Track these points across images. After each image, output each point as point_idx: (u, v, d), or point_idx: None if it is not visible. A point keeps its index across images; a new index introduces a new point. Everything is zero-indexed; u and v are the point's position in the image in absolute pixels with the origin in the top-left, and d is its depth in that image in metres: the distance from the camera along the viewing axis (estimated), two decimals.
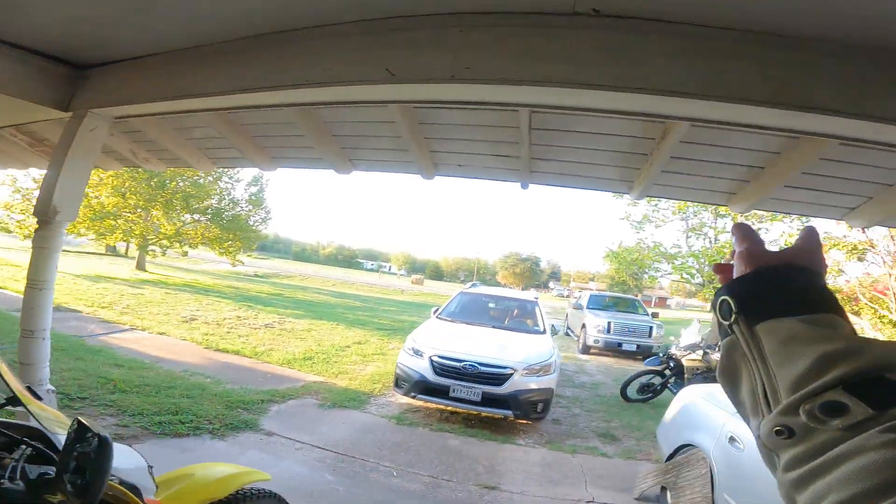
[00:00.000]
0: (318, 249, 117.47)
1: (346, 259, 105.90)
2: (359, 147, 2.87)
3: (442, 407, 5.92)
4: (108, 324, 9.02)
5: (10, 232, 16.91)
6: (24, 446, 0.89)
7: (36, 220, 2.57)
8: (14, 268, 16.09)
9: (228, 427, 4.70)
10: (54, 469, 0.86)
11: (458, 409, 5.76)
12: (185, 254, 22.34)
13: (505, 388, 5.47)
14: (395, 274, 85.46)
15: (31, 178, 15.50)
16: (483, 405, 5.50)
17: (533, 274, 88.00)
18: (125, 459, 0.91)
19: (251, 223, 22.22)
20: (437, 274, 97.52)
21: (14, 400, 1.04)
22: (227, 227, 20.36)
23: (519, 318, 7.79)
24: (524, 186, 2.77)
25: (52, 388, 2.62)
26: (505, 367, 5.58)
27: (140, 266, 19.77)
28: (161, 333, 8.80)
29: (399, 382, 5.95)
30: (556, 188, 3.15)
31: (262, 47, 2.03)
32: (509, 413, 5.56)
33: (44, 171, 3.05)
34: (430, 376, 5.62)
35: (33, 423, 1.09)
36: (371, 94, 1.96)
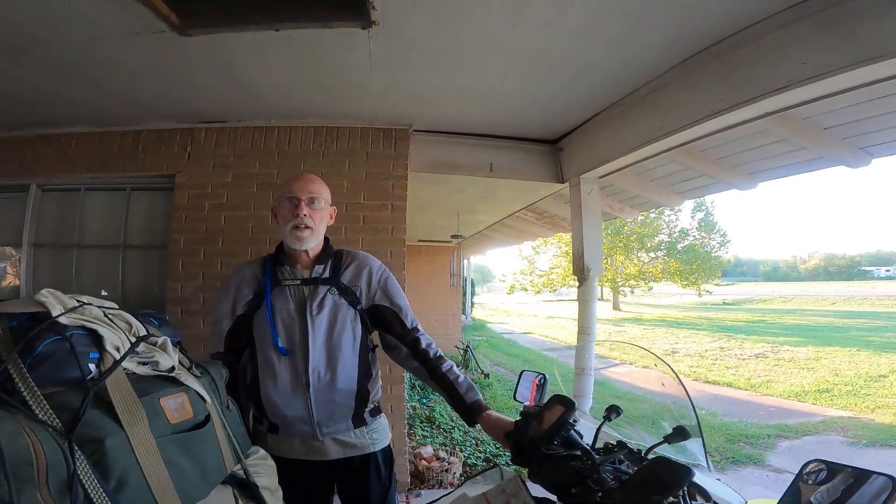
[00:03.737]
0: (795, 265, 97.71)
1: (842, 270, 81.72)
2: (875, 131, 2.26)
3: None
4: (603, 359, 10.56)
5: (525, 290, 23.19)
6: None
7: (576, 279, 3.25)
8: (532, 317, 21.63)
9: (729, 460, 4.47)
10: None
11: None
12: (650, 289, 23.58)
13: None
14: None
15: (530, 246, 20.88)
16: None
17: None
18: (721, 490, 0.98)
19: (707, 250, 21.14)
20: None
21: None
22: (684, 259, 20.21)
23: None
24: None
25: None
26: None
27: (615, 306, 22.42)
28: (645, 367, 9.45)
29: None
30: None
31: (706, 67, 2.01)
32: None
33: (535, 241, 3.97)
34: None
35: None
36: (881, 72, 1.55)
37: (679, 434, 0.96)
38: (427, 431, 4.71)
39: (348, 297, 1.39)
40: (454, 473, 3.39)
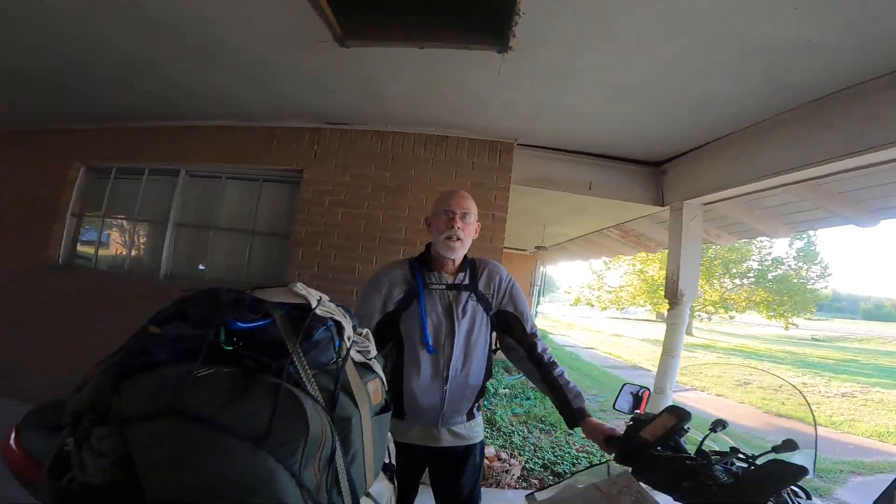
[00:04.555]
0: None
1: None
2: None
3: None
4: (677, 384, 10.12)
5: (591, 305, 22.47)
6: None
7: (667, 301, 3.25)
8: (596, 333, 20.95)
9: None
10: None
11: None
12: (732, 318, 21.98)
13: None
14: None
15: (602, 261, 20.22)
16: None
17: None
18: None
19: (803, 281, 19.30)
20: None
21: None
22: (774, 289, 18.60)
23: None
24: None
25: None
26: None
27: (688, 331, 21.12)
28: (718, 395, 8.98)
29: None
30: None
31: (845, 105, 1.94)
32: None
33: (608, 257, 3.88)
34: None
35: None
36: None
37: (787, 446, 1.04)
38: (487, 433, 4.83)
39: (483, 303, 1.55)
40: (513, 475, 3.46)
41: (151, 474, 0.68)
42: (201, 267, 3.58)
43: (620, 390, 1.52)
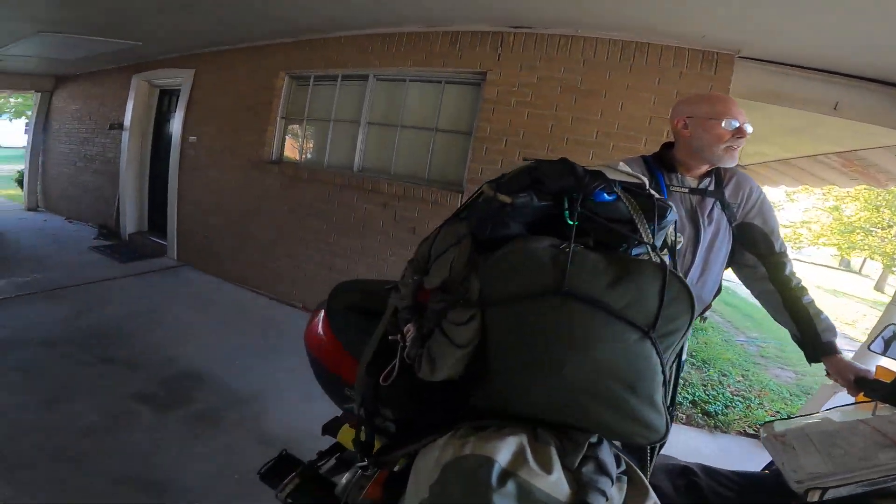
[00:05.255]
0: None
1: None
2: None
3: None
4: (854, 341, 8.74)
5: None
6: None
7: None
8: None
9: None
10: None
11: None
12: None
13: None
14: None
15: (780, 189, 17.18)
16: None
17: None
18: None
19: None
20: None
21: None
22: None
23: None
24: None
25: None
26: None
27: (879, 287, 17.57)
28: None
29: None
30: None
31: None
32: None
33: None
34: None
35: None
36: None
37: None
38: None
39: (728, 212, 1.45)
40: None
41: (527, 355, 0.69)
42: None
43: (883, 330, 1.37)
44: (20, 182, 8.42)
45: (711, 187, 1.45)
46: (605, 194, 0.75)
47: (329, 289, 1.31)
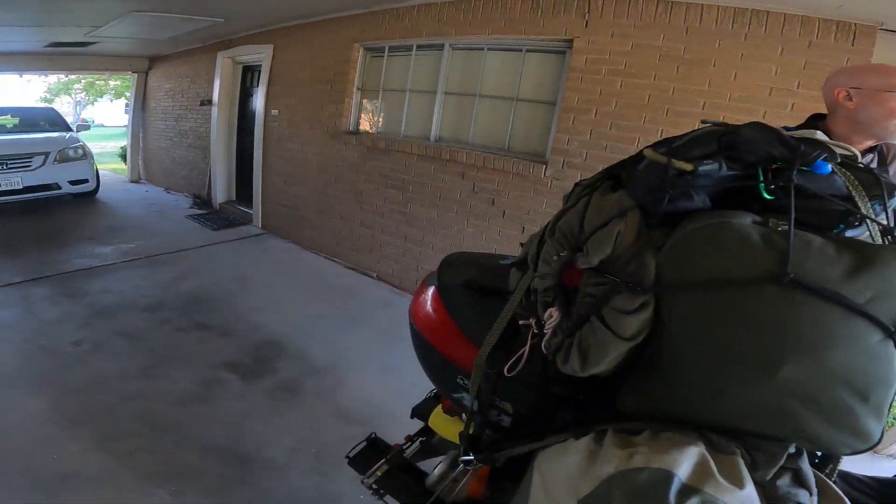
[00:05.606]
0: None
1: None
2: None
3: None
4: None
5: None
6: None
7: None
8: None
9: None
10: None
11: None
12: None
13: None
14: None
15: None
16: None
17: None
18: None
19: None
20: None
21: None
22: None
23: None
24: None
25: None
26: None
27: None
28: None
29: None
30: None
31: None
32: None
33: None
34: None
35: None
36: None
37: None
38: None
39: None
40: None
41: (726, 352, 0.60)
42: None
43: None
44: (123, 157, 9.29)
45: (874, 164, 1.33)
46: (829, 165, 0.64)
47: (404, 259, 1.21)
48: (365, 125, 4.70)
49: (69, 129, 6.79)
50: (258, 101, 5.53)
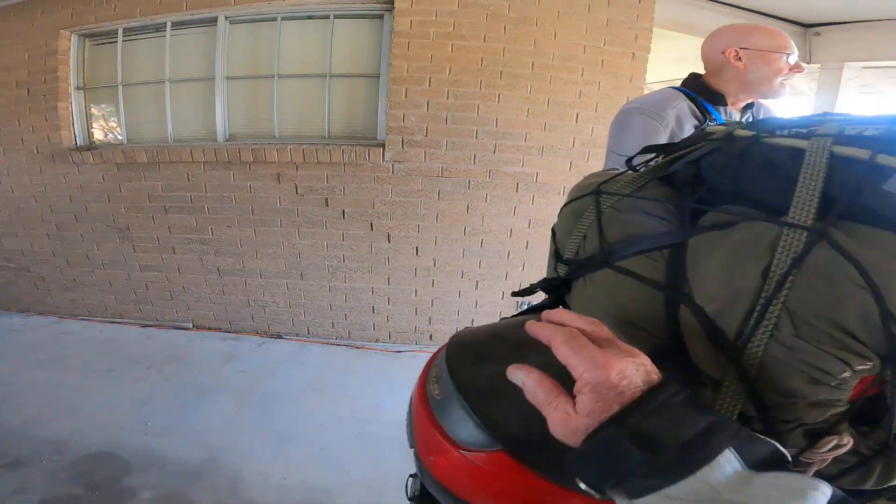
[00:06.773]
0: None
1: None
2: None
3: None
4: None
5: None
6: None
7: None
8: None
9: None
10: None
11: None
12: None
13: None
14: None
15: None
16: None
17: None
18: None
19: None
20: None
21: None
22: None
23: None
24: None
25: None
26: None
27: None
28: None
29: None
30: None
31: None
32: None
33: None
34: None
35: None
36: None
37: None
38: None
39: None
40: None
41: None
42: None
43: None
44: None
45: (751, 119, 1.40)
46: None
47: (225, 297, 0.63)
48: (101, 135, 3.30)
49: None
50: None
